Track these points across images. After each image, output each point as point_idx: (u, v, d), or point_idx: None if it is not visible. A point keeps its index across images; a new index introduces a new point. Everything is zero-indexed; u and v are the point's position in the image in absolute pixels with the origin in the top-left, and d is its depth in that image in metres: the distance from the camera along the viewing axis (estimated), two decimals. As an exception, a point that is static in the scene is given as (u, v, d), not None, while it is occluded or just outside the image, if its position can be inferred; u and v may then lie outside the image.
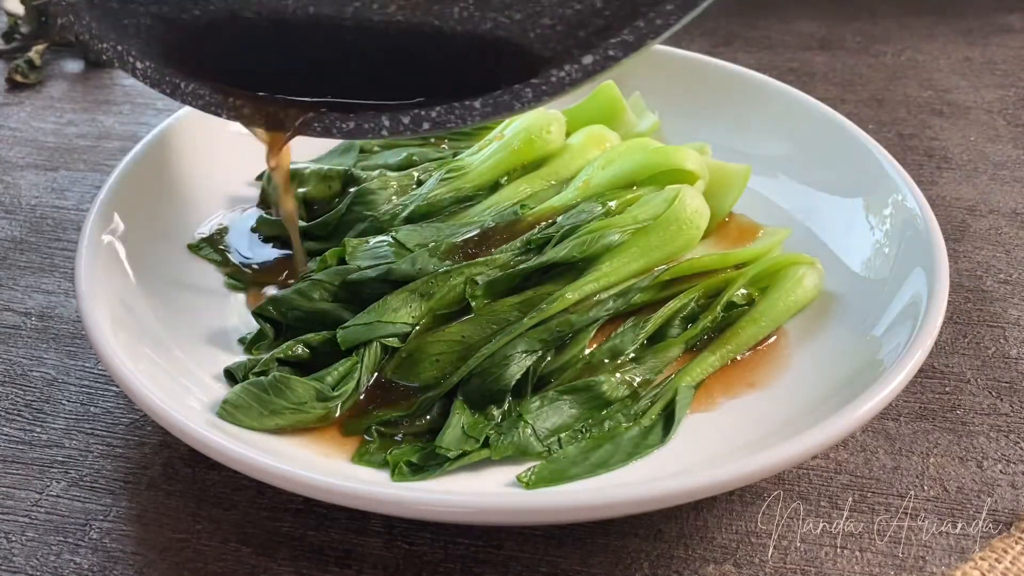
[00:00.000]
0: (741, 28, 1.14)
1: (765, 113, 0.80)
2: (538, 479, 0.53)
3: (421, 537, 0.54)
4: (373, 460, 0.55)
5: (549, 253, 0.64)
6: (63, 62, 1.07)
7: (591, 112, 0.81)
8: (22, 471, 0.59)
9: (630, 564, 0.54)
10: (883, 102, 0.99)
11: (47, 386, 0.65)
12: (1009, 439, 0.61)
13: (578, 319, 0.61)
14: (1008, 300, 0.73)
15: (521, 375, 0.59)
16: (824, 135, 0.76)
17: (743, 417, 0.58)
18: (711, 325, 0.64)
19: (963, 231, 0.80)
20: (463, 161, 0.75)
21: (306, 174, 0.74)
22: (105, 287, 0.61)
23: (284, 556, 0.54)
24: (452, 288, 0.63)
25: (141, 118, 0.96)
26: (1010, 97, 1.00)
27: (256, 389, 0.56)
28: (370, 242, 0.66)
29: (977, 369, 0.67)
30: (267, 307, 0.63)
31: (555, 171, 0.75)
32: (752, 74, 0.83)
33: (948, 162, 0.89)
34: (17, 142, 0.93)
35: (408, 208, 0.71)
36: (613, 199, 0.69)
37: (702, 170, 0.72)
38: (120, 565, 0.53)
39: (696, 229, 0.67)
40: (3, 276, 0.75)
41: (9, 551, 0.54)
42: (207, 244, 0.72)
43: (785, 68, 1.05)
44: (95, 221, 0.65)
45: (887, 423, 0.62)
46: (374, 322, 0.60)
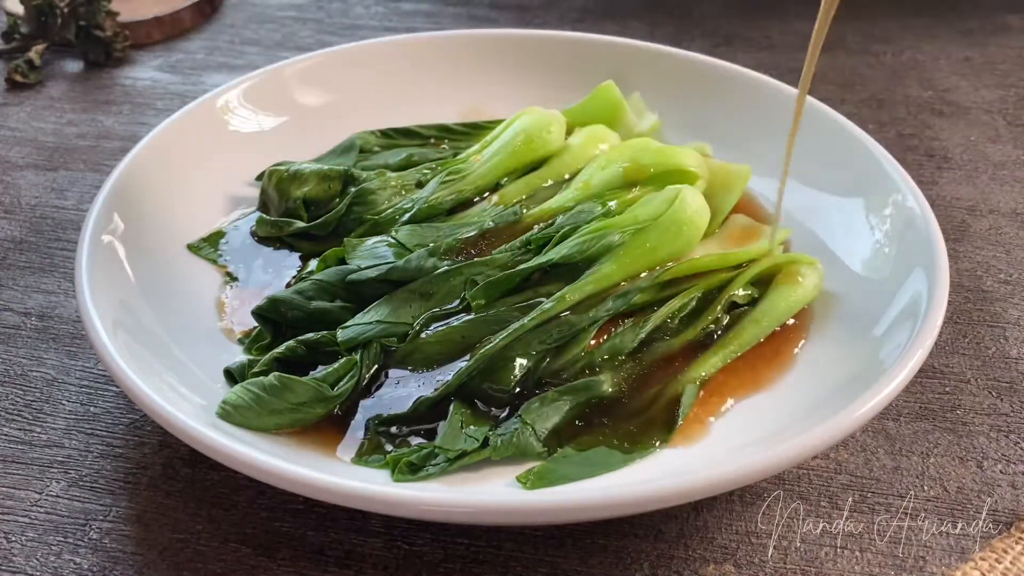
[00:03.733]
0: (741, 28, 1.14)
1: (765, 113, 0.80)
2: (538, 479, 0.53)
3: (421, 537, 0.54)
4: (373, 460, 0.55)
5: (549, 253, 0.64)
6: (63, 62, 1.07)
7: (591, 112, 0.81)
8: (22, 471, 0.59)
9: (630, 564, 0.54)
10: (883, 102, 0.99)
11: (47, 386, 0.65)
12: (1009, 439, 0.61)
13: (578, 319, 0.61)
14: (1008, 300, 0.73)
15: (521, 375, 0.59)
16: (824, 135, 0.75)
17: (743, 417, 0.58)
18: (711, 325, 0.64)
19: (963, 231, 0.80)
20: (463, 163, 0.75)
21: (306, 174, 0.74)
22: (105, 287, 0.61)
23: (284, 556, 0.54)
24: (452, 288, 0.63)
25: (141, 118, 0.96)
26: (1010, 97, 1.00)
27: (256, 389, 0.56)
28: (370, 242, 0.67)
29: (977, 369, 0.67)
30: (267, 307, 0.63)
31: (555, 171, 0.75)
32: (752, 74, 0.83)
33: (948, 162, 0.89)
34: (17, 142, 0.93)
35: (409, 212, 0.71)
36: (613, 199, 0.69)
37: (702, 170, 0.72)
38: (120, 565, 0.53)
39: (696, 229, 0.67)
40: (3, 276, 0.75)
41: (9, 551, 0.54)
42: (207, 244, 0.72)
43: (785, 68, 1.05)
44: (95, 221, 0.65)
45: (887, 423, 0.62)
46: (374, 322, 0.60)
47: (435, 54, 0.89)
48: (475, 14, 1.18)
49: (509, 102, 0.85)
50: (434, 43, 0.90)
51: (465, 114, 0.86)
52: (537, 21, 1.16)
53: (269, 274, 0.70)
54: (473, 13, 1.18)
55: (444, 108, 0.86)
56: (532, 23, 1.15)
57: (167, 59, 1.08)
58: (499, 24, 1.15)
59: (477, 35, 0.91)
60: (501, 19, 1.17)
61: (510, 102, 0.85)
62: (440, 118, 0.85)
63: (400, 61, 0.88)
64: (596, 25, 1.14)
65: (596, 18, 1.16)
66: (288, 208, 0.73)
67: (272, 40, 1.13)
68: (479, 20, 1.17)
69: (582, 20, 1.16)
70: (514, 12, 1.18)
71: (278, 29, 1.15)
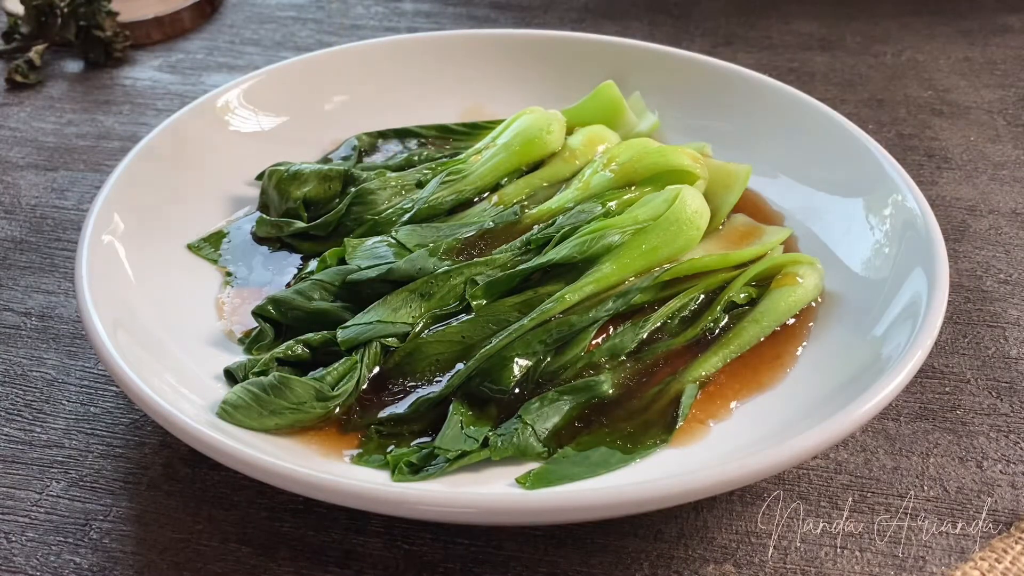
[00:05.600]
0: (741, 28, 1.14)
1: (765, 113, 0.80)
2: (538, 480, 0.53)
3: (421, 537, 0.54)
4: (373, 460, 0.55)
5: (549, 254, 0.64)
6: (63, 62, 1.07)
7: (591, 112, 0.81)
8: (22, 471, 0.59)
9: (630, 564, 0.54)
10: (883, 102, 0.99)
11: (47, 386, 0.65)
12: (1009, 439, 0.61)
13: (578, 320, 0.61)
14: (1008, 300, 0.73)
15: (521, 376, 0.59)
16: (824, 135, 0.75)
17: (743, 417, 0.58)
18: (711, 325, 0.64)
19: (963, 231, 0.80)
20: (463, 163, 0.75)
21: (306, 174, 0.74)
22: (105, 287, 0.61)
23: (284, 556, 0.54)
24: (452, 288, 0.62)
25: (141, 118, 0.96)
26: (1010, 97, 1.00)
27: (256, 389, 0.56)
28: (370, 242, 0.67)
29: (977, 369, 0.67)
30: (267, 307, 0.63)
31: (555, 171, 0.75)
32: (752, 74, 0.82)
33: (948, 162, 0.89)
34: (17, 142, 0.93)
35: (409, 212, 0.71)
36: (613, 199, 0.69)
37: (702, 170, 0.72)
38: (120, 565, 0.53)
39: (696, 229, 0.67)
40: (3, 276, 0.75)
41: (9, 551, 0.54)
42: (207, 244, 0.72)
43: (785, 68, 1.05)
44: (95, 221, 0.65)
45: (887, 423, 0.62)
46: (374, 322, 0.60)
47: (435, 54, 0.89)
48: (475, 14, 1.18)
49: (509, 102, 0.85)
50: (434, 43, 0.90)
51: (465, 114, 0.86)
52: (537, 21, 1.16)
53: (269, 274, 0.70)
54: (473, 13, 1.18)
55: (444, 108, 0.86)
56: (532, 23, 1.15)
57: (167, 59, 1.08)
58: (499, 24, 1.15)
59: (477, 35, 0.91)
60: (501, 19, 1.17)
61: (510, 102, 0.85)
62: (440, 118, 0.85)
63: (400, 61, 0.88)
64: (596, 25, 1.14)
65: (596, 18, 1.17)
66: (288, 208, 0.73)
67: (272, 40, 1.13)
68: (479, 20, 1.17)
69: (582, 20, 1.16)
70: (514, 12, 1.18)
71: (278, 29, 1.15)
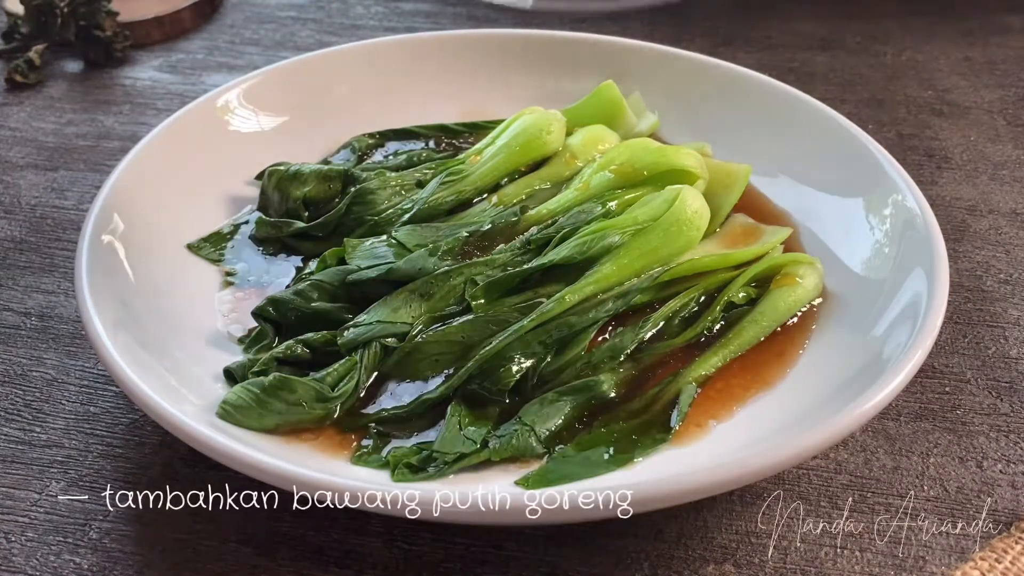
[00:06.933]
0: (741, 28, 1.14)
1: (765, 113, 0.80)
2: (538, 480, 0.53)
3: (421, 537, 0.54)
4: (373, 460, 0.55)
5: (549, 254, 0.64)
6: (63, 62, 1.07)
7: (591, 112, 0.81)
8: (22, 471, 0.59)
9: (630, 564, 0.54)
10: (883, 102, 0.99)
11: (47, 386, 0.65)
12: (1009, 439, 0.61)
13: (578, 320, 0.61)
14: (1008, 300, 0.73)
15: (521, 376, 0.59)
16: (824, 135, 0.75)
17: (743, 417, 0.58)
18: (711, 325, 0.64)
19: (963, 231, 0.80)
20: (463, 163, 0.75)
21: (306, 174, 0.74)
22: (105, 287, 0.61)
23: (284, 556, 0.54)
24: (452, 288, 0.62)
25: (141, 118, 0.96)
26: (1010, 97, 1.00)
27: (256, 389, 0.56)
28: (370, 242, 0.66)
29: (977, 369, 0.66)
30: (267, 307, 0.63)
31: (555, 172, 0.75)
32: (752, 74, 0.82)
33: (948, 162, 0.89)
34: (17, 142, 0.93)
35: (409, 212, 0.71)
36: (613, 200, 0.69)
37: (702, 170, 0.72)
38: (120, 565, 0.53)
39: (696, 230, 0.67)
40: (3, 276, 0.75)
41: (9, 551, 0.54)
42: (207, 244, 0.72)
43: (785, 68, 1.05)
44: (95, 221, 0.65)
45: (887, 423, 0.62)
46: (374, 322, 0.60)
47: (435, 54, 0.89)
48: (475, 14, 1.18)
49: (509, 102, 0.85)
50: (434, 43, 0.90)
51: (465, 114, 0.86)
52: (537, 21, 1.16)
53: (269, 274, 0.70)
54: (473, 13, 1.18)
55: (444, 108, 0.86)
56: (532, 23, 1.15)
57: (167, 59, 1.08)
58: (499, 24, 1.15)
59: (477, 35, 0.91)
60: (501, 19, 1.17)
61: (510, 102, 0.85)
62: (440, 118, 0.85)
63: (400, 61, 0.88)
64: (596, 25, 1.14)
65: (596, 18, 1.16)
66: (288, 208, 0.73)
67: (272, 40, 1.13)
68: (479, 20, 1.17)
69: (582, 20, 1.16)
70: (514, 12, 1.18)
71: (278, 29, 1.15)
